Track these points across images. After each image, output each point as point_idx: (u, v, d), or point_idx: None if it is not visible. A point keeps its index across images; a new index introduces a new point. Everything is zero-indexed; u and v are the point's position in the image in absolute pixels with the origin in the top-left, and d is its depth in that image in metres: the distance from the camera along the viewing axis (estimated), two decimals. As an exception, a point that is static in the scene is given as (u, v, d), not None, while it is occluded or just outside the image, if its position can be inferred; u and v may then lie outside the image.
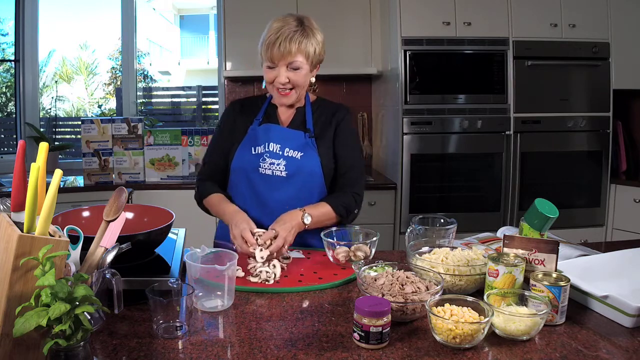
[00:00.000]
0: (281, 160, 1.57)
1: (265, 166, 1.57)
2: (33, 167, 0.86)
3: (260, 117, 1.64)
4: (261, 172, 1.58)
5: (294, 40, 1.47)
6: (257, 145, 1.60)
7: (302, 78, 1.55)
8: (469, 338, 0.96)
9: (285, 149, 1.58)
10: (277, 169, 1.57)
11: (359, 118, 3.77)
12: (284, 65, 1.51)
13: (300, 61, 1.51)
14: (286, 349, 0.97)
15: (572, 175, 3.21)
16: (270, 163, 1.57)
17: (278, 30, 1.48)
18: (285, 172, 1.56)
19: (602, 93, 3.18)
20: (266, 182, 1.57)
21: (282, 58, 1.49)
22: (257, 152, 1.59)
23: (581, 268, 1.26)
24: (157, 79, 4.53)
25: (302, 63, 1.52)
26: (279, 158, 1.57)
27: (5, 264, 0.83)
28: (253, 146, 1.60)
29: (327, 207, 1.54)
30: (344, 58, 3.43)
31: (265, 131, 1.61)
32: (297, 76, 1.53)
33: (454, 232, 1.48)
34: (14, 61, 3.69)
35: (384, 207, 3.14)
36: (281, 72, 1.51)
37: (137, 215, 1.46)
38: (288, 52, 1.48)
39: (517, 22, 3.09)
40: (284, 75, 1.51)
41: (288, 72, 1.52)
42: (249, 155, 1.59)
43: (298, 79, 1.53)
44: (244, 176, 1.60)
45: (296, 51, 1.49)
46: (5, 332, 0.82)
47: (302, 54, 1.50)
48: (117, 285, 1.02)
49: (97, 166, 3.18)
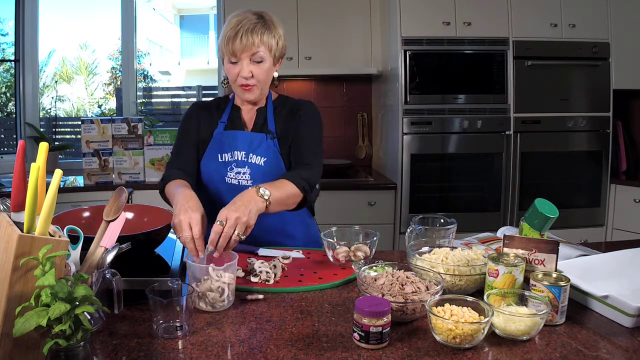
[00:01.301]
0: (246, 168, 1.54)
1: (232, 175, 1.54)
2: (33, 167, 0.86)
3: (225, 120, 1.60)
4: (227, 181, 1.55)
5: (255, 32, 1.44)
6: (224, 152, 1.56)
7: (265, 72, 1.50)
8: (469, 338, 0.96)
9: (250, 154, 1.54)
10: (242, 178, 1.54)
11: (359, 118, 3.78)
12: (246, 58, 1.46)
13: (262, 53, 1.46)
14: (286, 349, 0.97)
15: (572, 175, 3.21)
16: (237, 172, 1.54)
17: (238, 23, 1.45)
18: (251, 180, 1.53)
19: (602, 93, 3.19)
20: (232, 192, 1.44)
21: (244, 50, 1.44)
22: (223, 160, 1.55)
23: (581, 268, 1.26)
24: (157, 79, 4.54)
25: (265, 55, 1.47)
26: (244, 166, 1.54)
27: (5, 264, 0.83)
28: (219, 153, 1.56)
29: (287, 183, 1.39)
30: (344, 58, 3.43)
31: (231, 138, 1.57)
32: (260, 69, 1.48)
33: (454, 232, 1.48)
34: (14, 61, 3.69)
35: (384, 207, 3.15)
36: (244, 65, 1.46)
37: (137, 215, 1.46)
38: (251, 44, 1.43)
39: (517, 22, 3.10)
40: (247, 68, 1.46)
41: (251, 66, 1.47)
42: (215, 163, 1.55)
43: (261, 73, 1.48)
44: (210, 183, 1.57)
45: (259, 43, 1.44)
46: (5, 332, 0.82)
47: (265, 46, 1.46)
48: (117, 285, 1.02)
49: (97, 166, 3.18)
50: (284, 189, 1.37)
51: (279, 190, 1.35)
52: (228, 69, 1.51)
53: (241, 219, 1.19)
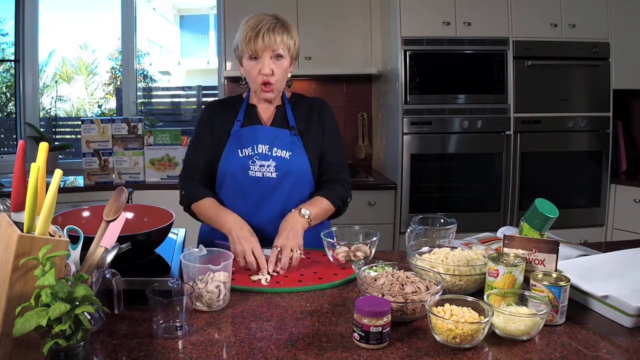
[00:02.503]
0: (271, 161, 1.56)
1: (255, 168, 1.55)
2: (33, 167, 0.86)
3: (240, 118, 1.61)
4: (251, 174, 1.55)
5: (276, 31, 1.49)
6: (244, 147, 1.57)
7: (284, 71, 1.55)
8: (469, 338, 0.96)
9: (274, 148, 1.56)
10: (267, 171, 1.55)
11: (359, 118, 3.78)
12: (267, 56, 1.50)
13: (282, 51, 1.51)
14: (286, 349, 0.97)
15: (572, 175, 3.21)
16: (260, 165, 1.55)
17: (258, 23, 1.49)
18: (276, 172, 1.55)
19: (602, 93, 3.18)
20: (257, 184, 1.55)
21: (265, 49, 1.49)
22: (245, 155, 1.56)
23: (581, 268, 1.26)
24: (157, 79, 4.53)
25: (285, 53, 1.52)
26: (268, 159, 1.56)
27: (5, 264, 0.83)
28: (240, 148, 1.57)
29: (324, 201, 1.54)
30: (344, 58, 3.43)
31: (251, 132, 1.58)
32: (280, 67, 1.52)
33: (454, 232, 1.48)
34: (14, 61, 3.69)
35: (384, 207, 3.15)
36: (265, 62, 1.50)
37: (137, 215, 1.46)
38: (272, 42, 1.48)
39: (517, 22, 3.09)
40: (268, 65, 1.50)
41: (272, 63, 1.51)
42: (236, 158, 1.57)
43: (280, 71, 1.53)
44: (233, 179, 1.57)
45: (280, 41, 1.49)
46: (5, 332, 0.82)
47: (284, 45, 1.51)
48: (117, 285, 1.02)
49: (97, 166, 3.18)
50: (321, 207, 1.53)
51: (317, 208, 1.51)
52: (249, 68, 1.53)
53: (294, 244, 1.39)
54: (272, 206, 1.56)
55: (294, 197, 1.57)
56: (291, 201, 1.55)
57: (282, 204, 1.55)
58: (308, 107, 1.66)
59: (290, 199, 1.56)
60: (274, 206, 1.56)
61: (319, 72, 3.49)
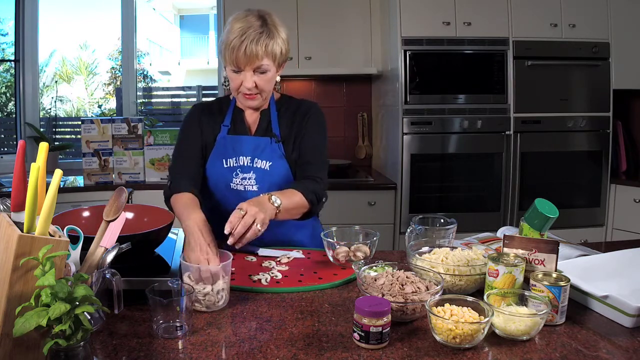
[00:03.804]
0: (251, 173, 1.54)
1: (237, 182, 1.54)
2: (33, 167, 0.86)
3: (228, 123, 1.59)
4: (232, 187, 1.54)
5: (260, 42, 1.39)
6: (228, 157, 1.55)
7: (269, 82, 1.49)
8: (469, 338, 0.96)
9: (255, 159, 1.54)
10: (248, 184, 1.54)
11: (359, 118, 3.78)
12: (250, 70, 1.43)
13: (267, 64, 1.43)
14: (286, 349, 0.97)
15: (572, 175, 3.21)
16: (242, 178, 1.54)
17: (242, 32, 1.39)
18: (257, 185, 1.53)
19: (602, 93, 3.19)
20: (238, 197, 1.47)
21: (248, 62, 1.41)
22: (228, 166, 1.55)
23: (581, 268, 1.26)
24: (157, 79, 4.53)
25: (269, 66, 1.45)
26: (249, 171, 1.54)
27: (5, 264, 0.83)
28: (224, 158, 1.55)
29: (297, 194, 1.41)
30: (344, 58, 3.43)
31: (235, 143, 1.56)
32: (264, 80, 1.46)
33: (454, 232, 1.48)
34: (14, 61, 3.69)
35: (384, 207, 3.15)
36: (247, 76, 1.44)
37: (137, 215, 1.46)
38: (255, 56, 1.40)
39: (517, 22, 3.10)
40: (250, 80, 1.44)
41: (255, 77, 1.45)
42: (220, 168, 1.55)
43: (265, 84, 1.47)
44: (216, 191, 1.56)
45: (263, 54, 1.41)
46: (5, 332, 0.82)
47: (269, 57, 1.43)
48: (117, 285, 1.02)
49: (97, 166, 3.18)
50: (293, 199, 1.39)
51: (289, 199, 1.37)
52: (230, 77, 1.48)
53: (260, 213, 1.23)
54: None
55: None
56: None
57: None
58: (294, 111, 1.60)
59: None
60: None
61: (319, 72, 3.49)
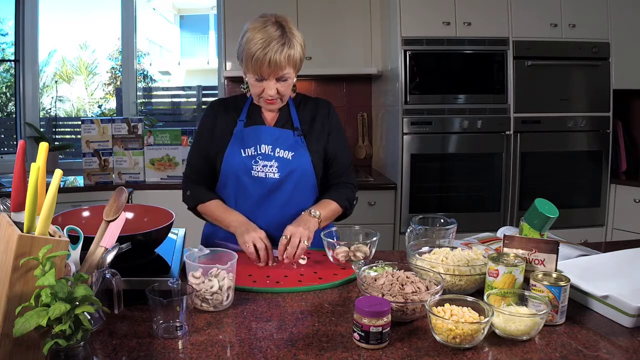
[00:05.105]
0: (273, 161, 1.56)
1: (258, 169, 1.56)
2: (33, 167, 0.86)
3: (243, 118, 1.61)
4: (254, 175, 1.56)
5: (283, 53, 1.44)
6: (247, 147, 1.57)
7: (289, 87, 1.54)
8: (469, 338, 0.96)
9: (277, 149, 1.57)
10: (269, 171, 1.56)
11: (359, 118, 3.78)
12: (273, 79, 1.48)
13: (288, 72, 1.49)
14: (286, 349, 0.97)
15: (572, 175, 3.21)
16: (263, 165, 1.56)
17: (265, 44, 1.42)
18: (278, 173, 1.55)
19: (602, 93, 3.18)
20: (259, 185, 1.56)
21: (272, 73, 1.46)
22: (247, 155, 1.57)
23: (581, 268, 1.26)
24: (157, 79, 4.54)
25: (291, 73, 1.50)
26: (271, 159, 1.56)
27: (5, 264, 0.83)
28: (242, 148, 1.57)
29: (332, 203, 1.57)
30: (344, 58, 3.43)
31: (254, 132, 1.59)
32: (285, 86, 1.51)
33: (454, 232, 1.48)
34: (14, 61, 3.69)
35: (384, 207, 3.14)
36: (270, 85, 1.49)
37: (137, 215, 1.46)
38: (278, 68, 1.45)
39: (517, 22, 3.09)
40: (273, 88, 1.49)
41: (277, 84, 1.49)
42: (239, 157, 1.57)
43: (285, 90, 1.52)
44: (235, 179, 1.58)
45: (285, 64, 1.46)
46: (5, 332, 0.82)
47: (291, 65, 1.48)
48: (117, 285, 1.02)
49: (97, 166, 3.18)
50: (330, 207, 1.57)
51: (326, 209, 1.55)
52: (252, 84, 1.52)
53: (304, 231, 1.43)
54: (274, 206, 1.56)
55: (295, 197, 1.57)
56: (293, 201, 1.56)
57: (283, 204, 1.56)
58: (313, 107, 1.66)
59: (292, 199, 1.57)
60: (275, 206, 1.56)
61: (319, 72, 3.49)
